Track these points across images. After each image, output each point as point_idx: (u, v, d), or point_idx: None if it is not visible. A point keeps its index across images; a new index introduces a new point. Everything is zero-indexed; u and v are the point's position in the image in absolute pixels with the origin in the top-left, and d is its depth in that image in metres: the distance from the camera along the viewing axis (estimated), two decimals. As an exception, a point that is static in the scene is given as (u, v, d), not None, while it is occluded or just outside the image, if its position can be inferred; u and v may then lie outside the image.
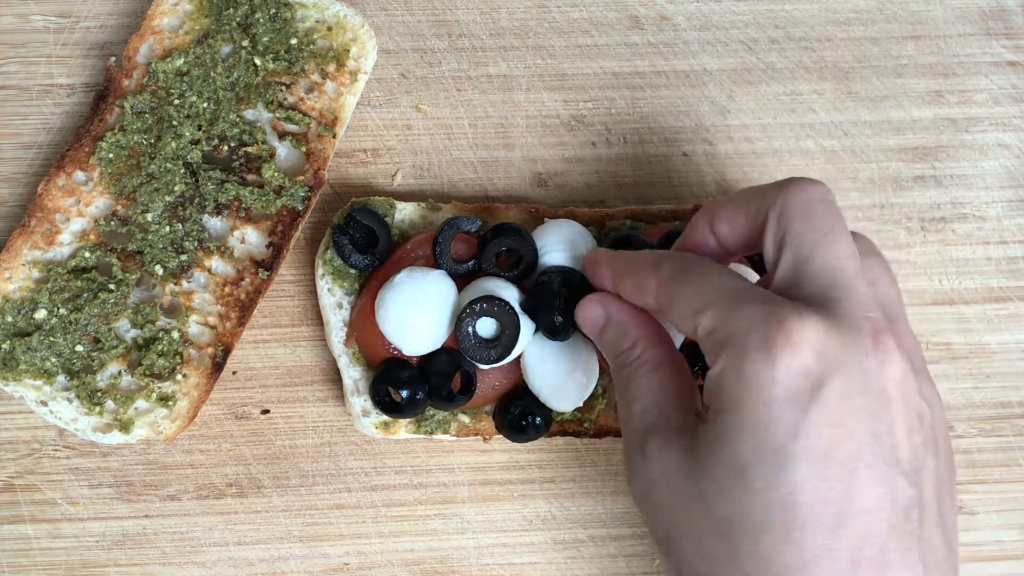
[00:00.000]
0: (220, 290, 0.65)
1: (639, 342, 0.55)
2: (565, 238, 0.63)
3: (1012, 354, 0.70)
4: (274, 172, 0.65)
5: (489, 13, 0.71)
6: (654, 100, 0.71)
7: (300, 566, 0.66)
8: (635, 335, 0.55)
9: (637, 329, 0.55)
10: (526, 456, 0.68)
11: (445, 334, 0.62)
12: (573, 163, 0.70)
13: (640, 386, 0.53)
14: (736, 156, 0.71)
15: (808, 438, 0.45)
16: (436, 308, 0.61)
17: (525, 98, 0.71)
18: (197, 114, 0.65)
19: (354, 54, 0.67)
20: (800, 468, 0.44)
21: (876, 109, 0.71)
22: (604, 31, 0.71)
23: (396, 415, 0.63)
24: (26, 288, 0.64)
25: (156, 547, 0.66)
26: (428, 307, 0.61)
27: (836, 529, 0.44)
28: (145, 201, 0.64)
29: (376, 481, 0.67)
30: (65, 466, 0.66)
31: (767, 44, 0.71)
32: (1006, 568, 0.68)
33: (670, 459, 0.50)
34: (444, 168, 0.70)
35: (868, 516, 0.45)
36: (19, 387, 0.63)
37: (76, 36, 0.69)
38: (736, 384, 0.46)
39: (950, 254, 0.70)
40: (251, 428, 0.67)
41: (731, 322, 0.47)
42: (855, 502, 0.45)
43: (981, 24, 0.72)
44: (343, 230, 0.64)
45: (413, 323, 0.61)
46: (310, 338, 0.68)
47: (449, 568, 0.67)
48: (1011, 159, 0.71)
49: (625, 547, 0.68)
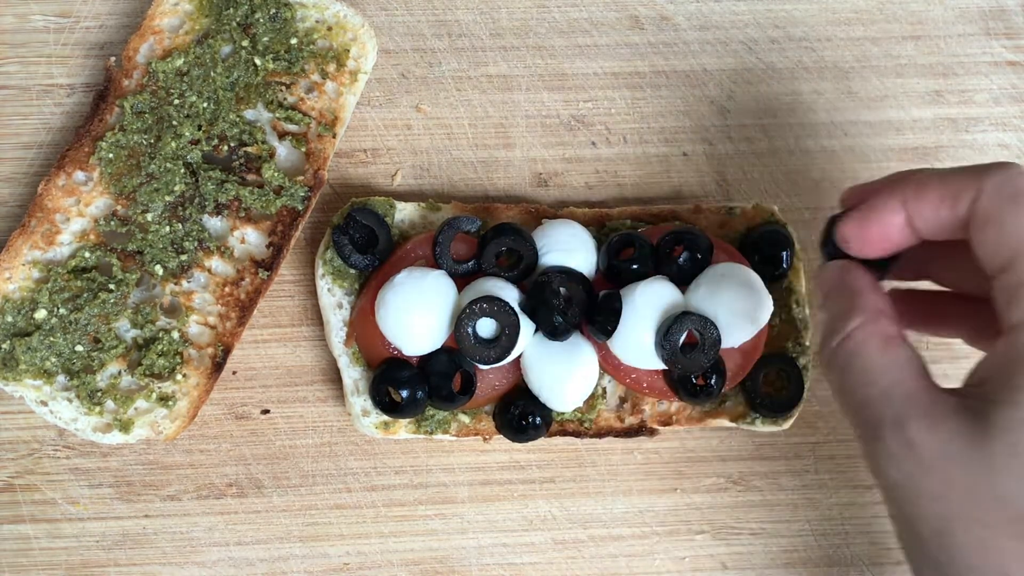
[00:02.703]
0: (220, 290, 0.65)
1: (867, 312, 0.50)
2: (565, 238, 0.63)
3: (1012, 354, 0.70)
4: (274, 172, 0.65)
5: (489, 13, 0.71)
6: (654, 100, 0.71)
7: (300, 566, 0.66)
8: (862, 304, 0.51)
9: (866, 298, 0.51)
10: (526, 456, 0.68)
11: (445, 334, 0.62)
12: (573, 163, 0.70)
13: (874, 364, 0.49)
14: (736, 156, 0.71)
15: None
16: (436, 308, 0.61)
17: (525, 98, 0.71)
18: (197, 114, 0.65)
19: (354, 54, 0.67)
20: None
21: (876, 109, 0.71)
22: (604, 31, 0.71)
23: (396, 415, 0.63)
24: (26, 288, 0.64)
25: (156, 547, 0.66)
26: (428, 307, 0.61)
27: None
28: (145, 201, 0.64)
29: (376, 481, 0.67)
30: (65, 466, 0.66)
31: (767, 44, 0.71)
32: (1006, 568, 0.68)
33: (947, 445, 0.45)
34: (444, 168, 0.70)
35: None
36: (19, 387, 0.63)
37: (76, 36, 0.69)
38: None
39: (950, 254, 0.70)
40: (251, 428, 0.67)
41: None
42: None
43: (981, 24, 0.72)
44: (343, 230, 0.64)
45: (413, 323, 0.61)
46: (310, 338, 0.68)
47: (449, 568, 0.67)
48: (1011, 159, 0.71)
49: (625, 547, 0.68)
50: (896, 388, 0.48)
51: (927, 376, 0.49)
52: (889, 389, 0.48)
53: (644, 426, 0.65)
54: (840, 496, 0.68)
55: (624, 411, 0.65)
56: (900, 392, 0.48)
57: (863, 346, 0.50)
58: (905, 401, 0.48)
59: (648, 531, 0.68)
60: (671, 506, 0.68)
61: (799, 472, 0.68)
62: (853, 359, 0.50)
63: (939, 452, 0.46)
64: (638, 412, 0.65)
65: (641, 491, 0.68)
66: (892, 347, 0.49)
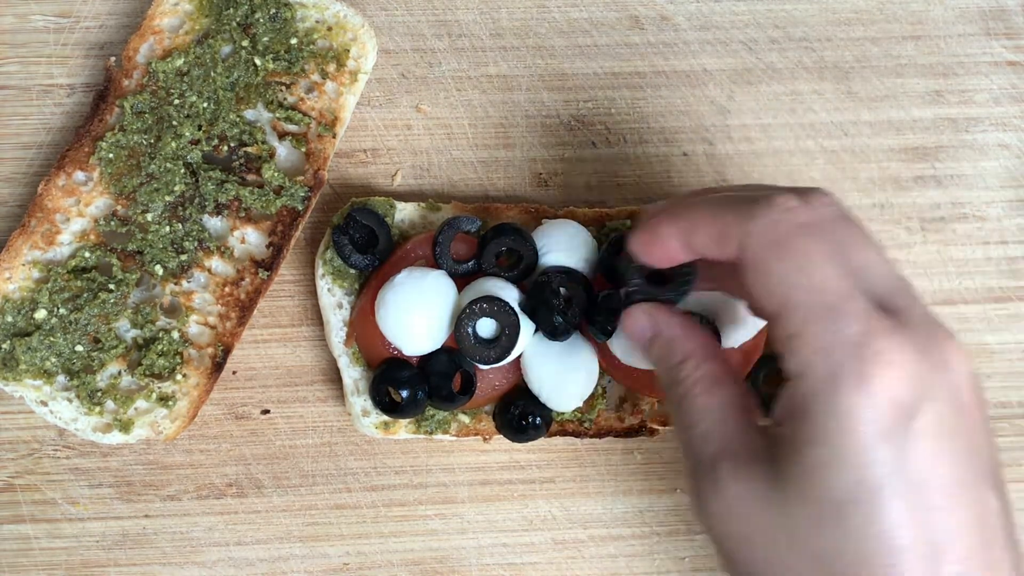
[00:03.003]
0: (220, 290, 0.65)
1: (691, 357, 0.52)
2: (565, 238, 0.63)
3: (1012, 354, 0.70)
4: (274, 172, 0.65)
5: (489, 13, 0.71)
6: (654, 100, 0.71)
7: (300, 566, 0.66)
8: (686, 349, 0.52)
9: (688, 343, 0.52)
10: (526, 456, 0.68)
11: (445, 334, 0.62)
12: (573, 163, 0.70)
13: (696, 407, 0.50)
14: (736, 156, 0.71)
15: (907, 473, 0.43)
16: (436, 308, 0.61)
17: (525, 98, 0.71)
18: (197, 114, 0.65)
19: (354, 54, 0.67)
20: (900, 504, 0.43)
21: (876, 109, 0.71)
22: (604, 31, 0.71)
23: (396, 415, 0.63)
24: (26, 288, 0.64)
25: (156, 547, 0.66)
26: (428, 307, 0.61)
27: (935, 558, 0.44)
28: (145, 201, 0.64)
29: (376, 481, 0.67)
30: (65, 466, 0.66)
31: (767, 44, 0.71)
32: (1006, 568, 0.68)
33: (749, 488, 0.47)
34: (444, 168, 0.70)
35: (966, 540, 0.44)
36: (19, 387, 0.63)
37: (76, 36, 0.69)
38: (828, 418, 0.44)
39: (950, 254, 0.70)
40: (251, 428, 0.67)
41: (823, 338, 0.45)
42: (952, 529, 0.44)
43: (981, 24, 0.72)
44: (343, 230, 0.64)
45: (413, 323, 0.61)
46: (310, 338, 0.68)
47: (449, 568, 0.67)
48: (1011, 159, 0.71)
49: (625, 547, 0.68)
50: (715, 430, 0.49)
51: (747, 415, 0.50)
52: (708, 431, 0.49)
53: (644, 426, 0.65)
54: (840, 496, 0.68)
55: (624, 411, 0.65)
56: (718, 434, 0.49)
57: (691, 388, 0.51)
58: (720, 443, 0.49)
59: (648, 531, 0.68)
60: (671, 506, 0.68)
61: (799, 472, 0.68)
62: (682, 401, 0.51)
63: (744, 495, 0.47)
64: (638, 412, 0.65)
65: (641, 491, 0.68)
66: (717, 388, 0.50)
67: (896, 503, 0.44)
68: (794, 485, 0.45)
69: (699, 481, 0.49)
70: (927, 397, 0.44)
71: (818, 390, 0.44)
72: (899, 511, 0.44)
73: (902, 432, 0.44)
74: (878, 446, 0.43)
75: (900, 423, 0.44)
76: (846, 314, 0.45)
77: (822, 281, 0.45)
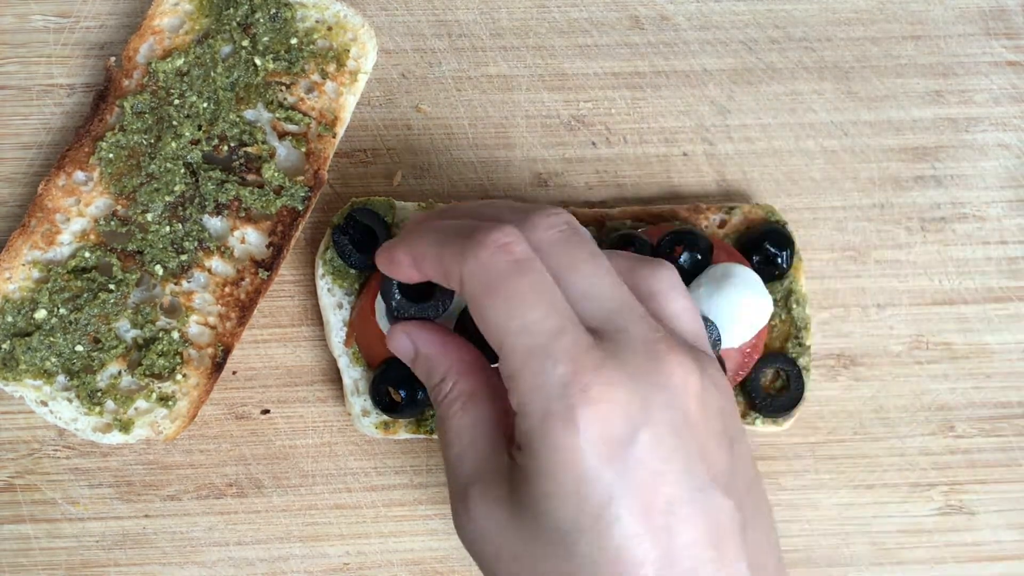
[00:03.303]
0: (220, 290, 0.65)
1: (448, 374, 0.51)
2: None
3: (1012, 354, 0.70)
4: (274, 172, 0.65)
5: (489, 13, 0.71)
6: (654, 100, 0.71)
7: (300, 566, 0.66)
8: (444, 367, 0.52)
9: (446, 359, 0.52)
10: (526, 456, 0.68)
11: (445, 334, 0.62)
12: (573, 163, 0.70)
13: (453, 427, 0.50)
14: (736, 156, 0.71)
15: (626, 498, 0.44)
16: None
17: (525, 98, 0.71)
18: (197, 114, 0.65)
19: (354, 54, 0.67)
20: (622, 527, 0.44)
21: (876, 109, 0.71)
22: (604, 31, 0.71)
23: (396, 415, 0.63)
24: (26, 288, 0.64)
25: (156, 547, 0.66)
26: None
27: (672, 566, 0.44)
28: (145, 201, 0.64)
29: (376, 481, 0.67)
30: (65, 466, 0.66)
31: (767, 44, 0.71)
32: (1006, 568, 0.68)
33: (492, 515, 0.47)
34: (444, 168, 0.70)
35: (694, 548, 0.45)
36: (19, 387, 0.63)
37: (76, 36, 0.69)
38: (545, 453, 0.44)
39: (950, 254, 0.70)
40: (251, 428, 0.67)
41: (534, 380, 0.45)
42: (680, 540, 0.45)
43: (981, 24, 0.72)
44: (343, 230, 0.64)
45: (413, 323, 0.61)
46: (310, 338, 0.68)
47: (449, 568, 0.67)
48: (1011, 159, 0.71)
49: (625, 547, 0.67)
50: (468, 450, 0.49)
51: (499, 434, 0.49)
52: (463, 451, 0.49)
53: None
54: (840, 496, 0.68)
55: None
56: (469, 456, 0.49)
57: (449, 407, 0.51)
58: (471, 465, 0.49)
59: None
60: (671, 506, 0.68)
61: (799, 472, 0.68)
62: (442, 421, 0.51)
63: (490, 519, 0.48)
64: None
65: (641, 491, 0.68)
66: (470, 406, 0.50)
67: (621, 526, 0.44)
68: (530, 513, 0.46)
69: (454, 503, 0.50)
70: (643, 423, 0.45)
71: (535, 428, 0.45)
72: (624, 533, 0.44)
73: (620, 458, 0.44)
74: (597, 477, 0.44)
75: (616, 452, 0.44)
76: (554, 354, 0.45)
77: (532, 323, 0.45)
